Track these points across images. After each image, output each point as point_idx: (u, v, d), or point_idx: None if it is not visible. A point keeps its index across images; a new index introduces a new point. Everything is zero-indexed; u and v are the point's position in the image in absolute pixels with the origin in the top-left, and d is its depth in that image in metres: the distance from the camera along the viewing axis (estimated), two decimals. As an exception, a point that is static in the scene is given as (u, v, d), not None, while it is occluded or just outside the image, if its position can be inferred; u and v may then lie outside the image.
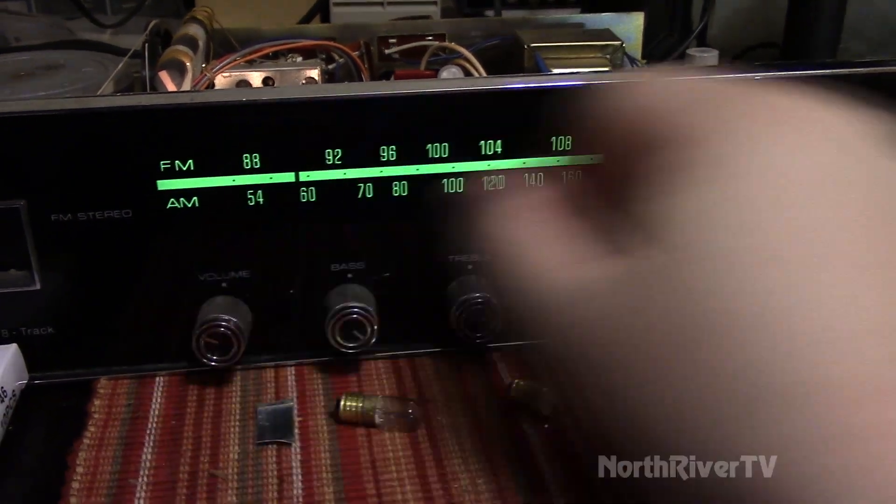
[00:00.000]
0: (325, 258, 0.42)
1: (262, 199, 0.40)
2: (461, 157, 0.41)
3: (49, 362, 0.42)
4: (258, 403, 0.41)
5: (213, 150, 0.39)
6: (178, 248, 0.41)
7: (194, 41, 0.51)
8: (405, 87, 0.40)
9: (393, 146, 0.40)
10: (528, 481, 0.36)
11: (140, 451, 0.38)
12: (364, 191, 0.41)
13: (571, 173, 0.41)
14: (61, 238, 0.39)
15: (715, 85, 0.29)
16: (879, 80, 0.41)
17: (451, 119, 0.40)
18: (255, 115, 0.39)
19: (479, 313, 0.42)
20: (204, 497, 0.36)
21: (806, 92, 0.27)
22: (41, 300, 0.40)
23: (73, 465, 0.37)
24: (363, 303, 0.41)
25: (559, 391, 0.34)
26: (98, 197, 0.39)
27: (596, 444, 0.29)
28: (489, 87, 0.40)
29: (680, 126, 0.27)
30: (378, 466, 0.37)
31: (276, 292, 0.42)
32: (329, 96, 0.39)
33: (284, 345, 0.44)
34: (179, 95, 0.40)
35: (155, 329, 0.42)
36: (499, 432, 0.39)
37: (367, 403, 0.39)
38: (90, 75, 0.50)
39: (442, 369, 0.44)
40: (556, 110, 0.40)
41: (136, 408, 0.41)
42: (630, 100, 0.29)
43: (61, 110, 0.37)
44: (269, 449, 0.38)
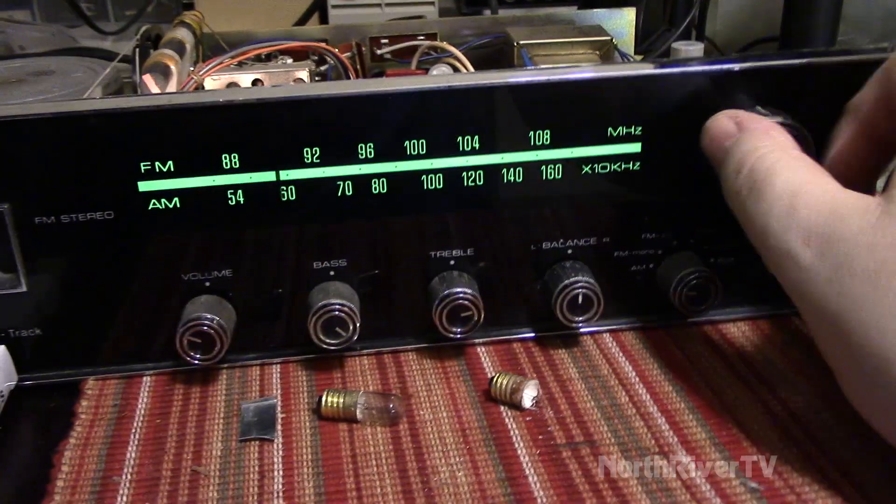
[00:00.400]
0: (307, 256, 0.42)
1: (242, 199, 0.40)
2: (439, 153, 0.41)
3: (37, 363, 0.43)
4: (242, 401, 0.42)
5: (192, 151, 0.39)
6: (161, 248, 0.41)
7: (181, 45, 0.52)
8: (378, 86, 0.40)
9: (370, 144, 0.40)
10: (508, 474, 0.36)
11: (125, 449, 0.39)
12: (343, 188, 0.41)
13: (551, 168, 0.42)
14: (46, 240, 0.40)
15: None
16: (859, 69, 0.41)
17: (427, 116, 0.40)
18: (233, 116, 0.39)
19: (461, 308, 0.42)
20: (186, 493, 0.36)
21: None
22: (28, 302, 0.41)
23: (59, 465, 0.38)
24: (345, 300, 0.41)
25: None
26: (80, 199, 0.39)
27: None
28: (464, 84, 0.40)
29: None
30: (359, 461, 0.37)
31: (259, 291, 0.43)
32: (305, 95, 0.39)
33: (269, 343, 0.44)
34: (158, 97, 0.40)
35: (140, 329, 0.43)
36: (480, 426, 0.39)
37: (349, 399, 0.40)
38: (80, 80, 0.51)
39: (425, 364, 0.44)
40: (533, 105, 0.41)
41: (122, 408, 0.42)
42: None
43: (42, 114, 0.38)
44: (252, 445, 0.39)
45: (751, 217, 0.34)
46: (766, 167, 0.34)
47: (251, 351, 0.44)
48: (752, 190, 0.34)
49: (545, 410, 0.40)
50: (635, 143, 0.42)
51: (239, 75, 0.52)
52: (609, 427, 0.39)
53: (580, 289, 0.42)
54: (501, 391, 0.41)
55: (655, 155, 0.42)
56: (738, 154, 0.35)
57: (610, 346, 0.45)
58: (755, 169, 0.34)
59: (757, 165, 0.34)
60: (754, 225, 0.34)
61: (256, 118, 0.39)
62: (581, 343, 0.45)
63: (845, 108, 0.39)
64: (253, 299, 0.43)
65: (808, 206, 0.32)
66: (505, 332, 0.45)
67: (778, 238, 0.32)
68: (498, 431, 0.39)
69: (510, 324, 0.45)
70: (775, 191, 0.33)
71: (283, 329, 0.44)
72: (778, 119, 0.40)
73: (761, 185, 0.33)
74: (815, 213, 0.31)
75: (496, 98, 0.40)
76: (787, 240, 0.32)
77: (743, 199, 0.34)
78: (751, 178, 0.34)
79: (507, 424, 0.39)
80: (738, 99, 0.41)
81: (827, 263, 0.30)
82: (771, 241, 0.33)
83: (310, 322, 0.41)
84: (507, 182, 0.42)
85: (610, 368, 0.43)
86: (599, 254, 0.44)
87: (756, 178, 0.34)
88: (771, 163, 0.34)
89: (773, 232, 0.32)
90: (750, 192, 0.34)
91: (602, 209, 0.43)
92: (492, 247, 0.43)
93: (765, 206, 0.33)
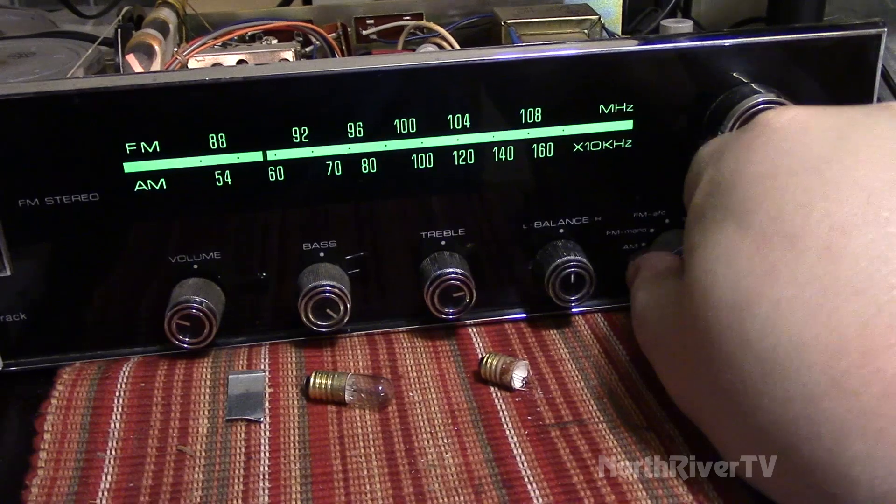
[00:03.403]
0: (297, 237, 0.42)
1: (230, 180, 0.40)
2: (430, 132, 0.40)
3: (22, 349, 0.42)
4: (230, 371, 0.41)
5: (178, 131, 0.39)
6: (148, 230, 0.41)
7: (165, 25, 0.51)
8: (367, 63, 0.39)
9: (360, 122, 0.40)
10: (496, 455, 0.36)
11: (109, 417, 0.38)
12: (333, 168, 0.40)
13: (542, 146, 0.41)
14: (30, 223, 0.39)
15: None
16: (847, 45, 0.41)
17: (417, 94, 0.40)
18: (220, 95, 0.38)
19: (453, 289, 0.42)
20: (171, 473, 0.36)
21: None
22: (12, 286, 0.40)
23: (42, 432, 0.37)
24: (335, 281, 0.41)
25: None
26: (64, 181, 0.39)
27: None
28: (453, 61, 0.40)
29: None
30: (346, 443, 0.37)
31: (248, 273, 0.42)
32: (292, 73, 0.39)
33: (258, 326, 0.44)
34: (143, 76, 0.40)
35: (128, 313, 0.42)
36: (469, 407, 0.39)
37: (338, 381, 0.39)
38: (61, 62, 0.50)
39: (416, 344, 0.44)
40: (524, 82, 0.40)
41: (105, 370, 0.41)
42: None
43: (25, 94, 0.37)
44: (238, 425, 0.38)
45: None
46: (632, 293, 0.41)
47: (240, 334, 0.44)
48: (631, 311, 0.41)
49: (535, 391, 0.40)
50: (627, 120, 0.41)
51: (223, 56, 0.51)
52: (599, 406, 0.39)
53: (573, 268, 0.42)
54: (491, 372, 0.40)
55: (647, 132, 0.42)
56: (631, 289, 0.42)
57: (602, 325, 0.45)
58: (631, 296, 0.41)
59: (632, 293, 0.41)
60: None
61: (244, 97, 0.39)
62: (573, 323, 0.45)
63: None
64: (242, 282, 0.42)
65: (651, 316, 0.38)
66: (496, 313, 0.45)
67: (640, 345, 0.40)
68: (487, 412, 0.39)
69: (502, 304, 0.45)
70: (634, 311, 0.40)
71: (273, 311, 0.43)
72: (769, 97, 0.39)
73: (632, 305, 0.41)
74: (653, 321, 0.38)
75: (487, 75, 0.40)
76: (641, 345, 0.39)
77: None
78: (632, 303, 0.41)
79: (497, 405, 0.39)
80: (729, 75, 0.41)
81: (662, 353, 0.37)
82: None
83: (300, 304, 0.41)
84: (499, 160, 0.41)
85: (601, 349, 0.43)
86: (591, 233, 0.44)
87: (631, 302, 0.41)
88: (635, 289, 0.41)
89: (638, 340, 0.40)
90: (631, 314, 0.41)
91: (594, 188, 0.43)
92: (483, 226, 0.43)
93: (633, 321, 0.40)
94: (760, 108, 0.39)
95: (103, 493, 0.35)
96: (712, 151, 0.36)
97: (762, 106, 0.39)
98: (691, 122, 0.42)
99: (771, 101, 0.39)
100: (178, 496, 0.35)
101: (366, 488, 0.35)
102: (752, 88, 0.40)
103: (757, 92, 0.40)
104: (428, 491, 0.34)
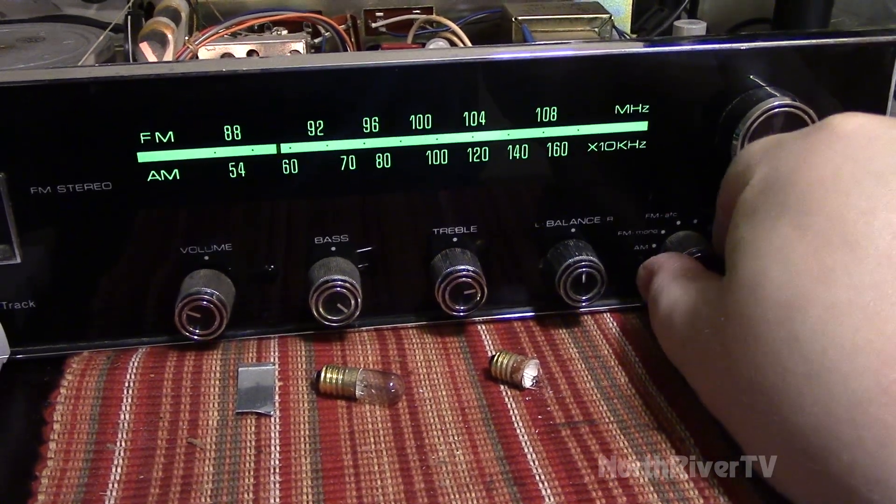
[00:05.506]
0: (309, 231, 0.42)
1: (243, 172, 0.40)
2: (445, 128, 0.40)
3: (30, 337, 0.42)
4: (240, 363, 0.41)
5: (193, 122, 0.39)
6: (160, 221, 0.40)
7: (177, 13, 0.51)
8: (385, 58, 0.39)
9: (376, 117, 0.40)
10: (507, 453, 0.36)
11: (118, 409, 0.38)
12: (347, 162, 0.40)
13: (557, 145, 0.41)
14: (41, 211, 0.39)
15: None
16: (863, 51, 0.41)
17: (434, 90, 0.40)
18: (237, 86, 0.38)
19: (464, 286, 0.42)
20: (182, 466, 0.36)
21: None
22: (22, 274, 0.40)
23: (51, 422, 0.37)
24: (347, 276, 0.41)
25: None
26: (77, 169, 0.39)
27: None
28: (471, 58, 0.40)
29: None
30: (357, 438, 0.37)
31: (259, 265, 0.42)
32: (310, 67, 0.39)
33: (268, 318, 0.44)
34: (160, 66, 0.40)
35: (137, 303, 0.42)
36: (479, 405, 0.39)
37: (348, 376, 0.39)
38: (71, 48, 0.49)
39: (426, 340, 0.44)
40: (541, 80, 0.40)
41: (115, 360, 0.41)
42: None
43: (40, 81, 0.37)
44: (248, 419, 0.38)
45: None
46: (653, 296, 0.41)
47: (250, 326, 0.43)
48: (651, 314, 0.41)
49: (545, 390, 0.40)
50: (642, 121, 0.41)
51: (234, 46, 0.51)
52: (608, 406, 0.39)
53: (584, 268, 0.42)
54: (502, 370, 0.40)
55: (662, 134, 0.42)
56: (650, 292, 0.42)
57: (611, 326, 0.45)
58: (651, 298, 0.41)
59: (652, 296, 0.41)
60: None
61: (260, 89, 0.38)
62: (582, 323, 0.45)
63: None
64: (252, 274, 0.42)
65: (678, 317, 0.38)
66: (506, 311, 0.45)
67: (663, 349, 0.40)
68: (497, 410, 0.39)
69: (511, 302, 0.45)
70: (658, 314, 0.40)
71: (283, 305, 0.43)
72: (784, 101, 0.39)
73: (652, 308, 0.41)
74: (681, 322, 0.38)
75: (504, 73, 0.40)
76: (666, 348, 0.40)
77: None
78: (651, 306, 0.41)
79: (507, 403, 0.39)
80: (745, 78, 0.41)
81: (693, 352, 0.37)
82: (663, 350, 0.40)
83: (311, 298, 0.41)
84: (513, 159, 0.41)
85: (610, 349, 0.43)
86: (603, 233, 0.44)
87: (651, 305, 0.41)
88: (655, 291, 0.41)
89: (660, 344, 0.40)
90: (651, 317, 0.41)
91: (607, 188, 0.43)
92: (495, 224, 0.43)
93: (656, 324, 0.40)
94: (776, 111, 0.40)
95: (113, 485, 0.35)
96: (766, 148, 0.36)
97: (778, 110, 0.40)
98: (706, 124, 0.42)
99: (786, 105, 0.40)
100: (189, 488, 0.35)
101: (377, 484, 0.35)
102: (767, 92, 0.41)
103: (772, 95, 0.40)
104: (439, 487, 0.34)
